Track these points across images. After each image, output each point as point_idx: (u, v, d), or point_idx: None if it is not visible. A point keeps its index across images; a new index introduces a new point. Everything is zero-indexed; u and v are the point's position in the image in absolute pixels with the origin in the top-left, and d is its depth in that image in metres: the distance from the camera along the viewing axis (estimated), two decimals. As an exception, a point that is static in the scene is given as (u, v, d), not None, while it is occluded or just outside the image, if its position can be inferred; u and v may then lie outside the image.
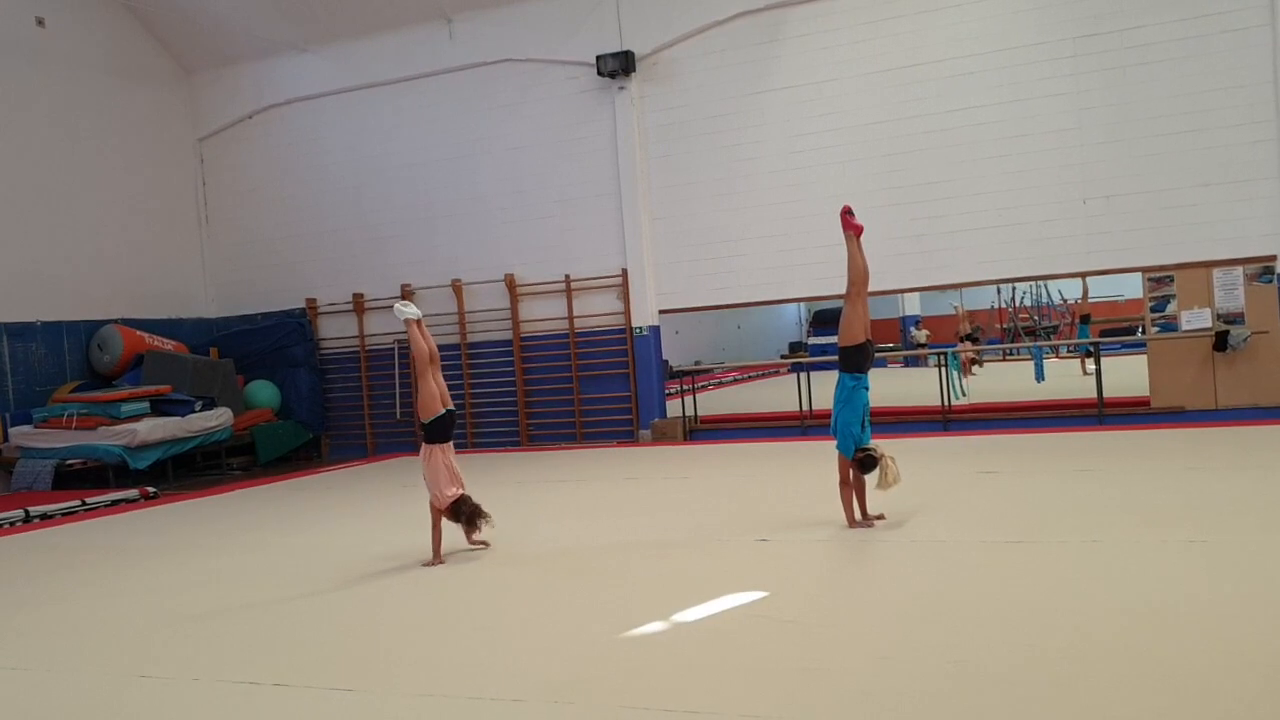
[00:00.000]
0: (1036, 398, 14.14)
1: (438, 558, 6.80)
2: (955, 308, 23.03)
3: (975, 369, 18.62)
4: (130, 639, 5.61)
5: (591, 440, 14.40)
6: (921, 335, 22.90)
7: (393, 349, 15.68)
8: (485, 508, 6.86)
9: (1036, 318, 23.94)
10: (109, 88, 15.56)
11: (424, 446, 6.98)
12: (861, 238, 7.09)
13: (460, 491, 6.85)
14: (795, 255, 13.16)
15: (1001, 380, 17.57)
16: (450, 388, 15.49)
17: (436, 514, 6.85)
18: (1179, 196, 11.67)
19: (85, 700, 4.63)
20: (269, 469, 14.37)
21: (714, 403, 17.01)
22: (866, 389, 6.94)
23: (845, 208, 7.18)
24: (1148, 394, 12.14)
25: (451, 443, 7.05)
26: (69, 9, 15.05)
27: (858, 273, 6.98)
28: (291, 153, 16.28)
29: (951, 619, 4.78)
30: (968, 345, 19.28)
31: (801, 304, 26.66)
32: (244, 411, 15.11)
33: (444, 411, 6.96)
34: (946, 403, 13.11)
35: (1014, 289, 23.15)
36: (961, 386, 14.90)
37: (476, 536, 6.99)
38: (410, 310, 7.14)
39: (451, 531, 6.94)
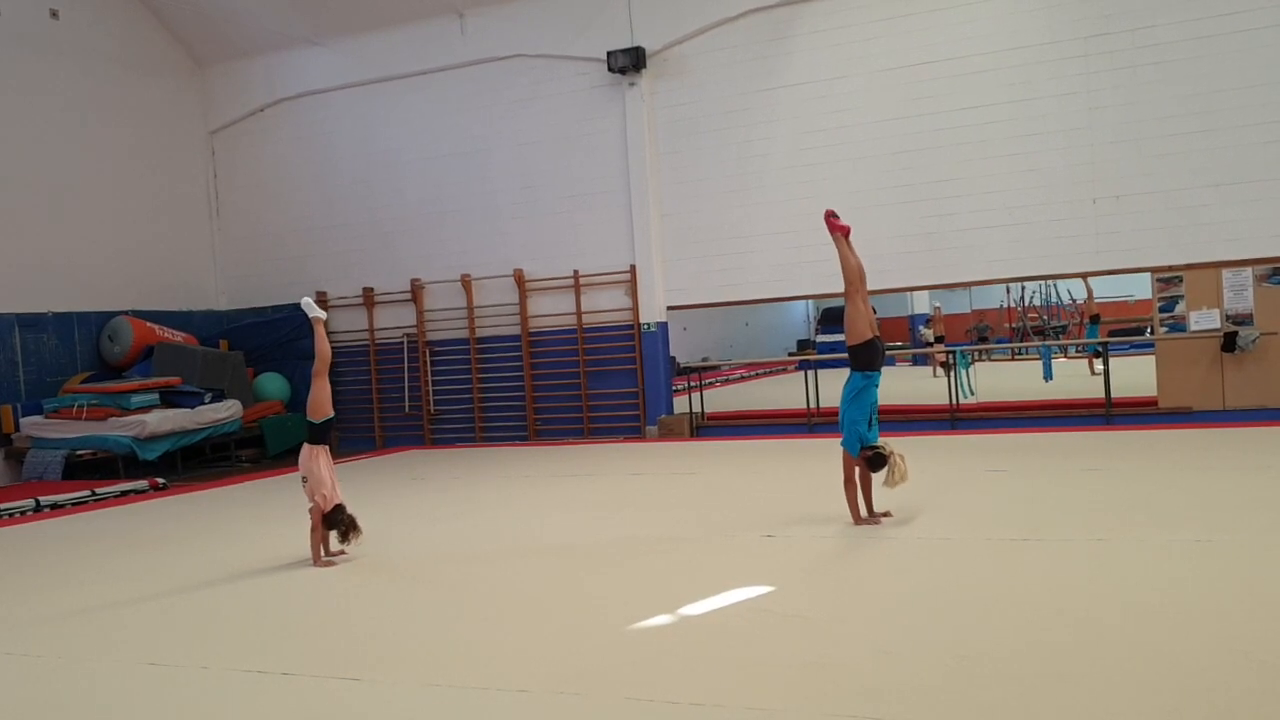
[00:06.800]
0: (1044, 397, 14.12)
1: (321, 559, 6.82)
2: (935, 308, 23.09)
3: (941, 370, 18.77)
4: (139, 627, 5.66)
5: (599, 435, 14.43)
6: (930, 334, 22.85)
7: (401, 343, 15.75)
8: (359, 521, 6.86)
9: (1045, 317, 23.88)
10: (121, 80, 15.62)
11: (307, 447, 6.97)
12: (850, 237, 7.11)
13: (339, 500, 6.87)
14: (804, 252, 13.13)
15: (1010, 379, 17.53)
16: (459, 382, 15.74)
17: (319, 516, 6.82)
18: (1189, 197, 11.64)
19: (94, 688, 4.68)
20: (278, 461, 14.42)
21: (721, 399, 17.03)
22: (876, 386, 6.94)
23: (828, 211, 7.20)
24: (1155, 394, 12.14)
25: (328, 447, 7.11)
26: (82, 1, 15.11)
27: (852, 272, 6.99)
28: (302, 146, 16.34)
29: (956, 615, 4.80)
30: (940, 346, 19.32)
31: (810, 301, 26.63)
32: (253, 404, 15.19)
33: (333, 415, 7.10)
34: (955, 401, 13.11)
35: (1023, 288, 23.11)
36: (969, 385, 14.88)
37: (337, 547, 6.97)
38: (318, 310, 7.26)
39: (449, 527, 6.96)
